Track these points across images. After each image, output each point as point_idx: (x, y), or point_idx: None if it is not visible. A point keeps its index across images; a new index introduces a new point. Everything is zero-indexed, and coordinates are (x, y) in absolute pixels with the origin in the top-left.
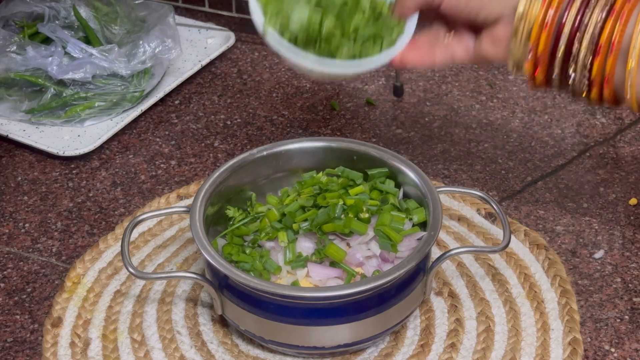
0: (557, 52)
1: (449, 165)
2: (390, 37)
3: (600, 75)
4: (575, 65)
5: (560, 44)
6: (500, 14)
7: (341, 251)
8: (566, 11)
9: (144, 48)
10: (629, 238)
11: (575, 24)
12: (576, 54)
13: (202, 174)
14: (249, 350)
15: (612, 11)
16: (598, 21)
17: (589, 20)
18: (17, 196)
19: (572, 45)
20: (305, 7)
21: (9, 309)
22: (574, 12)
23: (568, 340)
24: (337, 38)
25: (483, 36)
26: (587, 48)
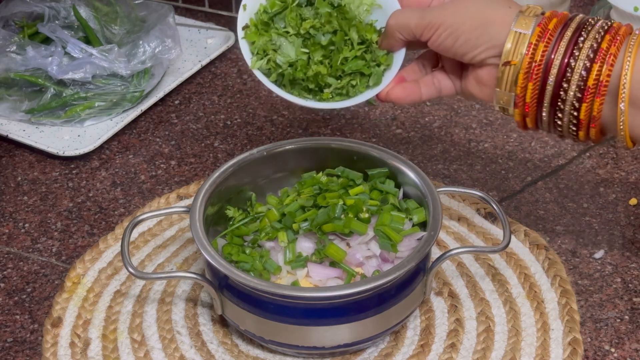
0: (544, 98)
1: (449, 165)
2: (377, 71)
3: (587, 117)
4: (562, 109)
5: (547, 90)
6: (486, 57)
7: (341, 251)
8: (552, 55)
9: (144, 48)
10: (629, 238)
11: (562, 68)
12: (564, 99)
13: (202, 174)
14: (249, 350)
15: (598, 53)
16: (585, 64)
17: (576, 65)
18: (17, 196)
19: (559, 90)
20: (292, 49)
21: (9, 309)
22: (559, 56)
23: (568, 340)
24: (324, 76)
25: (469, 76)
26: (574, 92)
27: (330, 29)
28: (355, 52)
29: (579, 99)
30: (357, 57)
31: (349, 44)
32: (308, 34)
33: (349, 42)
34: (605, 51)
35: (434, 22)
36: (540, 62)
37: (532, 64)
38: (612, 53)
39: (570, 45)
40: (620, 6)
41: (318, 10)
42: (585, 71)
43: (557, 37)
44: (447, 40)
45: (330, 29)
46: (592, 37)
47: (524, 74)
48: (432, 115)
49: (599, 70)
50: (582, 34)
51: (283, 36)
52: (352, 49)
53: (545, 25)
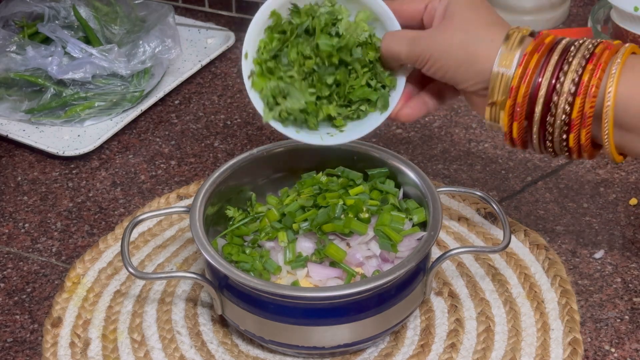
0: (532, 131)
1: (449, 165)
2: (384, 93)
3: (577, 145)
4: (552, 139)
5: (534, 123)
6: (476, 90)
7: (341, 251)
8: (536, 91)
9: (143, 48)
10: (629, 238)
11: (546, 104)
12: (551, 132)
13: (202, 174)
14: (249, 350)
15: (580, 86)
16: (568, 99)
17: (559, 100)
18: (17, 196)
19: (545, 124)
20: (300, 95)
21: (9, 309)
22: (543, 92)
23: (568, 340)
24: (334, 112)
25: (464, 96)
26: (560, 126)
27: (333, 63)
28: (360, 81)
29: (566, 130)
30: (362, 85)
31: (353, 73)
32: (312, 69)
33: (353, 71)
34: (587, 83)
35: (423, 55)
36: (523, 103)
37: (514, 106)
38: (594, 84)
39: (553, 79)
40: (620, 6)
41: (318, 43)
42: (569, 106)
43: (540, 70)
44: (438, 73)
45: (333, 62)
46: (573, 69)
47: (508, 115)
48: (432, 115)
49: (581, 104)
50: (564, 66)
51: (289, 82)
52: (357, 77)
53: (527, 62)
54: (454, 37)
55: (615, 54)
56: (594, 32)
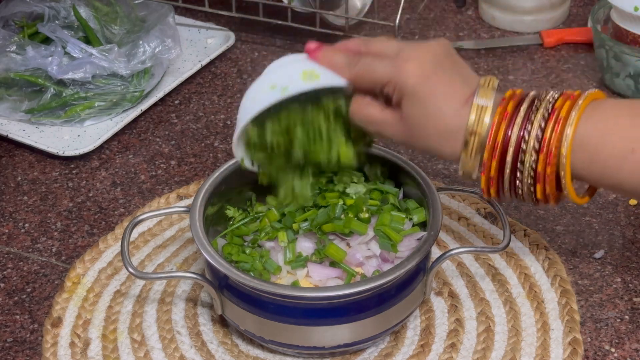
0: (503, 179)
1: (449, 165)
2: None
3: (543, 195)
4: (521, 187)
5: (505, 174)
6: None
7: (341, 251)
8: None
9: (143, 48)
10: (629, 238)
11: (514, 158)
12: (520, 180)
13: (202, 174)
14: (249, 350)
15: (541, 148)
16: (532, 154)
17: (525, 159)
18: (17, 196)
19: (515, 174)
20: (298, 182)
21: (8, 309)
22: (512, 145)
23: (568, 340)
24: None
25: None
26: (527, 177)
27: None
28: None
29: (533, 184)
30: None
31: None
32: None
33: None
34: (548, 140)
35: (394, 138)
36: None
37: (492, 149)
38: (555, 141)
39: (521, 132)
40: (620, 6)
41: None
42: (534, 162)
43: (509, 123)
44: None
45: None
46: (536, 125)
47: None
48: None
49: (544, 161)
50: (528, 124)
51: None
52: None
53: (502, 111)
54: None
55: (576, 101)
56: (594, 32)
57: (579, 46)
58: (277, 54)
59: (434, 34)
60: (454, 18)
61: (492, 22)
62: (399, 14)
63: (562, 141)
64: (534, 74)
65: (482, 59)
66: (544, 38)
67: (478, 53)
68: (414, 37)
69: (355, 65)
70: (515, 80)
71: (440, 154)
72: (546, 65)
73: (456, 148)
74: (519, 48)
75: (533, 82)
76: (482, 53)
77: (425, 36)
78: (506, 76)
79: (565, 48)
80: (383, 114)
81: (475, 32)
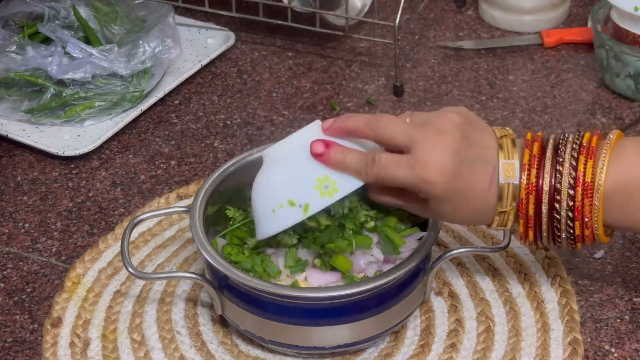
0: (542, 226)
1: None
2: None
3: (581, 233)
4: (560, 232)
5: (543, 222)
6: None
7: (348, 262)
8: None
9: (143, 48)
10: (629, 238)
11: (550, 205)
12: (558, 226)
13: (202, 174)
14: (249, 350)
15: (577, 181)
16: (569, 195)
17: (561, 199)
18: (17, 196)
19: (553, 218)
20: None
21: (8, 309)
22: (546, 194)
23: (568, 340)
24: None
25: None
26: (565, 220)
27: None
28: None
29: (571, 225)
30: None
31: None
32: None
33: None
34: (583, 177)
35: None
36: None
37: (526, 213)
38: (589, 176)
39: (552, 180)
40: (620, 6)
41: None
42: (571, 200)
43: (538, 173)
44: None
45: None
46: (567, 166)
47: (522, 223)
48: None
49: (581, 198)
50: (558, 167)
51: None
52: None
53: (529, 169)
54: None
55: (603, 139)
56: (594, 32)
57: (579, 46)
58: (277, 54)
59: (434, 34)
60: (454, 18)
61: (492, 22)
62: (399, 14)
63: (594, 206)
64: (534, 74)
65: (482, 59)
66: (544, 38)
67: (478, 53)
68: (414, 37)
69: (372, 168)
70: (515, 80)
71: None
72: (546, 65)
73: (488, 220)
74: (519, 48)
75: (533, 82)
76: (482, 53)
77: (425, 36)
78: (506, 76)
79: (565, 48)
80: (405, 199)
81: (475, 32)
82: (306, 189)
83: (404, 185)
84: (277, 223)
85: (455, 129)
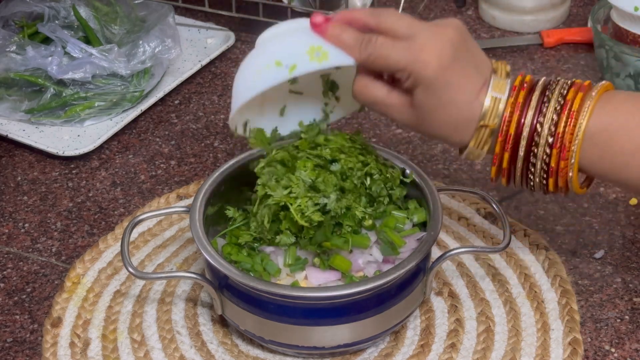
0: (515, 170)
1: (449, 165)
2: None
3: (555, 188)
4: (533, 178)
5: (518, 160)
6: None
7: (347, 262)
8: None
9: (143, 48)
10: (629, 238)
11: (528, 147)
12: (532, 175)
13: (202, 174)
14: (249, 350)
15: (554, 143)
16: (546, 148)
17: (538, 152)
18: (17, 196)
19: (528, 166)
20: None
21: (8, 309)
22: (525, 134)
23: (568, 340)
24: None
25: None
26: (540, 170)
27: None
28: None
29: (545, 177)
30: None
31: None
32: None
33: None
34: (562, 135)
35: (404, 123)
36: (512, 133)
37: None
38: (568, 135)
39: (534, 122)
40: (620, 6)
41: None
42: (547, 156)
43: (522, 110)
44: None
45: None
46: (549, 117)
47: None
48: None
49: (557, 155)
50: (540, 117)
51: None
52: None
53: (516, 96)
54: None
55: (588, 93)
56: (594, 32)
57: (579, 46)
58: None
59: None
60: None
61: (492, 22)
62: None
63: (575, 136)
64: (534, 74)
65: None
66: (544, 38)
67: None
68: None
69: (366, 46)
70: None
71: (448, 142)
72: (546, 65)
73: (465, 137)
74: (519, 48)
75: None
76: None
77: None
78: None
79: (565, 48)
80: (390, 98)
81: (475, 32)
82: (296, 52)
83: (395, 68)
84: (261, 82)
85: (457, 30)
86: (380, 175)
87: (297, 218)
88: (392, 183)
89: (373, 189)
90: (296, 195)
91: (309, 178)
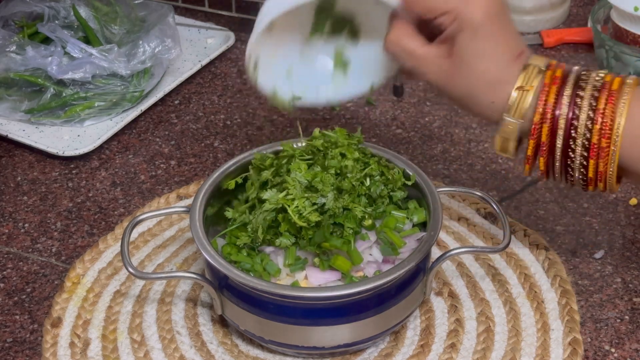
0: (555, 158)
1: (449, 165)
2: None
3: (595, 174)
4: (572, 168)
5: (557, 154)
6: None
7: (347, 262)
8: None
9: (143, 48)
10: (629, 238)
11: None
12: (572, 160)
13: (202, 174)
14: (249, 350)
15: (594, 122)
16: (586, 132)
17: (577, 135)
18: (17, 196)
19: (568, 151)
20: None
21: (8, 309)
22: (562, 125)
23: (568, 340)
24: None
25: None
26: (580, 157)
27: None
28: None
29: (585, 164)
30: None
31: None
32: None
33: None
34: (601, 120)
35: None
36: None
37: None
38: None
39: (570, 113)
40: (620, 6)
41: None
42: (587, 141)
43: (556, 102)
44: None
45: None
46: (586, 103)
47: (533, 148)
48: (432, 115)
49: (597, 139)
50: (577, 100)
51: None
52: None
53: (547, 94)
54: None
55: (622, 84)
56: (594, 32)
57: (579, 46)
58: None
59: None
60: None
61: None
62: None
63: (614, 128)
64: None
65: None
66: (544, 38)
67: None
68: None
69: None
70: None
71: (475, 105)
72: None
73: (497, 101)
74: None
75: None
76: None
77: None
78: None
79: (565, 48)
80: (425, 49)
81: None
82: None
83: (444, 8)
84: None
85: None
86: (381, 177)
87: (295, 219)
88: (393, 185)
89: (372, 190)
90: (293, 197)
91: (305, 179)
